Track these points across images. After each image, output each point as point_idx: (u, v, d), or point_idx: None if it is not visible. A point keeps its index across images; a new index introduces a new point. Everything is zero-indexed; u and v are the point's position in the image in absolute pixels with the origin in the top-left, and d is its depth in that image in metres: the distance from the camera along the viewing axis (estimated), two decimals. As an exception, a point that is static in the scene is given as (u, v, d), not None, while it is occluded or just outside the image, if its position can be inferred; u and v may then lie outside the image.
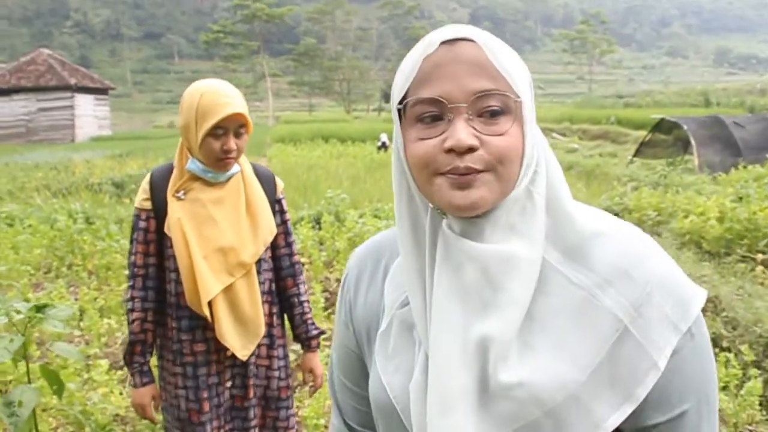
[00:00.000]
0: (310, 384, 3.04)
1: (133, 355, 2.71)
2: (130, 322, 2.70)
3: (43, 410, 4.31)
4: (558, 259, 1.05)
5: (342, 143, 30.41)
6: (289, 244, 2.90)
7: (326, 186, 12.81)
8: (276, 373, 2.85)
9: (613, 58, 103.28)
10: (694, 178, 13.55)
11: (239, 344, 2.67)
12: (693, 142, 17.08)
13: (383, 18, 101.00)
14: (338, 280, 7.36)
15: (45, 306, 2.77)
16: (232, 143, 2.57)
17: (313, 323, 2.98)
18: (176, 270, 2.64)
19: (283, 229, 2.87)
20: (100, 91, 47.38)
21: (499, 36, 1.08)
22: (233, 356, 2.71)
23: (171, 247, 2.65)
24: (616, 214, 10.28)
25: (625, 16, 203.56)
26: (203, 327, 2.67)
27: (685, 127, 17.59)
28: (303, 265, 6.15)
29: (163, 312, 2.76)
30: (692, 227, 8.37)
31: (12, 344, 2.62)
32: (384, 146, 26.44)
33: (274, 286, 2.87)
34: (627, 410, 1.01)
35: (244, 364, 2.76)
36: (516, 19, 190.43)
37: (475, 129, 1.01)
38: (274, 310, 2.86)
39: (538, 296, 1.03)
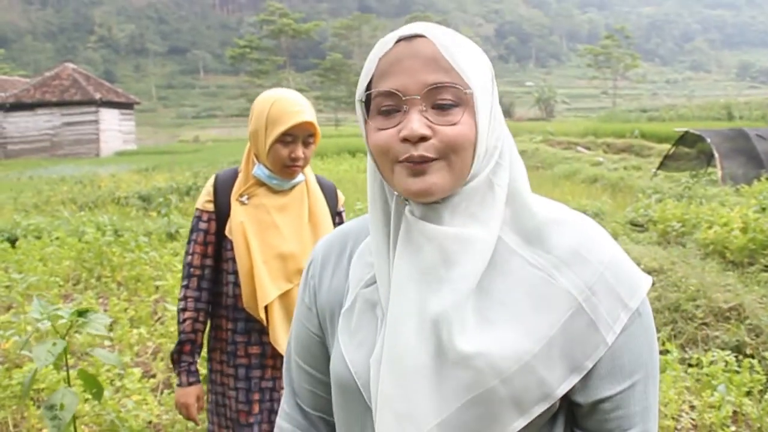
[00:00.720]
0: None
1: (181, 354, 2.74)
2: (181, 321, 2.74)
3: (76, 417, 4.39)
4: (517, 243, 1.13)
5: (368, 157, 30.46)
6: None
7: (354, 199, 12.86)
8: None
9: (637, 72, 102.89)
10: (718, 190, 13.51)
11: None
12: (716, 154, 17.01)
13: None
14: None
15: (86, 311, 2.84)
16: (300, 151, 2.64)
17: None
18: (235, 272, 2.69)
19: None
20: (125, 105, 47.67)
21: (524, 51, 1.19)
22: None
23: (231, 249, 2.70)
24: (642, 225, 10.34)
25: (648, 32, 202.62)
26: (259, 330, 2.71)
27: (709, 140, 17.52)
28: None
29: (215, 314, 2.81)
30: (716, 238, 8.38)
31: (55, 348, 2.68)
32: None
33: None
34: (573, 380, 1.09)
35: None
36: (542, 34, 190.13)
37: (428, 119, 1.09)
38: None
39: (497, 276, 1.11)
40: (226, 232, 2.72)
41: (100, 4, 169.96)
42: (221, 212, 2.73)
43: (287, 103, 2.61)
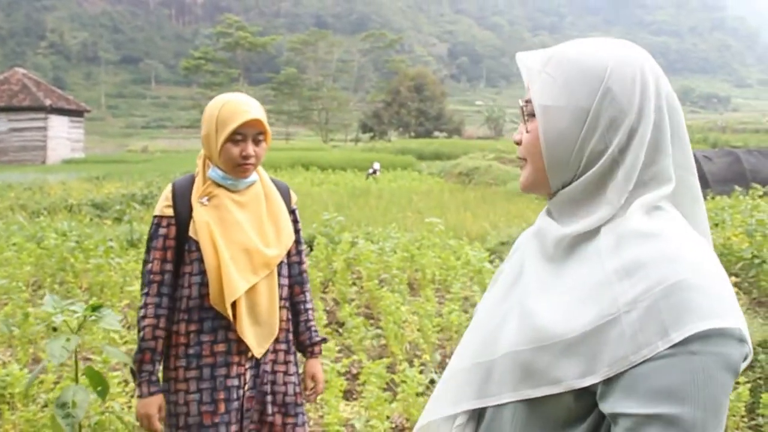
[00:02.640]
0: (311, 390, 3.06)
1: (142, 363, 2.71)
2: (141, 329, 2.71)
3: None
4: (608, 246, 1.19)
5: (322, 171, 30.53)
6: (299, 253, 3.01)
7: (311, 211, 12.90)
8: (292, 379, 2.91)
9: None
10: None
11: (256, 342, 2.74)
12: (666, 175, 17.48)
13: (364, 50, 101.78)
14: (335, 300, 7.45)
15: (100, 306, 2.82)
16: (251, 149, 2.70)
17: (316, 330, 3.06)
18: (200, 273, 2.70)
19: (296, 237, 2.97)
20: (75, 113, 46.80)
21: (476, 71, 1.43)
22: (252, 358, 2.77)
23: (195, 250, 2.70)
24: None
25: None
26: (225, 327, 2.71)
27: (659, 162, 18.00)
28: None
29: (172, 320, 2.77)
30: (671, 253, 8.64)
31: (69, 343, 2.64)
32: (375, 173, 26.64)
33: (287, 293, 2.94)
34: (588, 381, 1.11)
35: (258, 365, 2.81)
36: (493, 55, 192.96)
37: (525, 127, 1.33)
38: (289, 316, 2.94)
39: (578, 267, 1.22)
40: (191, 233, 2.73)
41: (54, 9, 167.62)
42: (181, 216, 2.75)
43: (236, 104, 2.70)
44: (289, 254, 2.94)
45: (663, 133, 1.23)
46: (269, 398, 2.84)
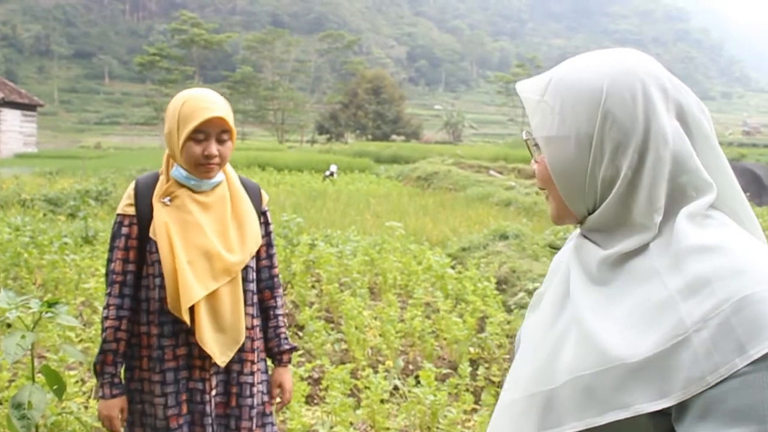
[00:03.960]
0: (278, 400, 2.98)
1: (104, 365, 2.65)
2: (104, 330, 2.65)
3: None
4: (664, 265, 1.13)
5: (279, 172, 30.38)
6: (270, 256, 2.91)
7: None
8: (261, 387, 2.83)
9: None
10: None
11: (218, 350, 2.64)
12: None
13: (322, 51, 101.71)
14: (294, 303, 7.39)
15: (56, 302, 2.73)
16: (214, 148, 2.57)
17: (286, 338, 2.96)
18: (161, 275, 2.61)
19: (266, 240, 2.88)
20: (27, 107, 46.22)
21: (434, 74, 1.32)
22: (216, 364, 2.68)
23: (156, 251, 2.62)
24: (559, 249, 10.61)
25: (558, 62, 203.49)
26: (186, 331, 2.64)
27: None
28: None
29: (137, 322, 2.70)
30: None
31: (24, 340, 2.55)
32: (332, 175, 26.66)
33: (256, 298, 2.84)
34: (661, 405, 1.05)
35: (227, 371, 2.73)
36: (453, 59, 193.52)
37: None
38: (257, 323, 2.83)
39: (635, 288, 1.15)
40: (151, 234, 2.65)
41: (6, 1, 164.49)
42: (143, 215, 2.68)
43: (198, 101, 2.58)
44: (259, 257, 2.85)
45: (684, 143, 1.17)
46: (234, 402, 2.75)
